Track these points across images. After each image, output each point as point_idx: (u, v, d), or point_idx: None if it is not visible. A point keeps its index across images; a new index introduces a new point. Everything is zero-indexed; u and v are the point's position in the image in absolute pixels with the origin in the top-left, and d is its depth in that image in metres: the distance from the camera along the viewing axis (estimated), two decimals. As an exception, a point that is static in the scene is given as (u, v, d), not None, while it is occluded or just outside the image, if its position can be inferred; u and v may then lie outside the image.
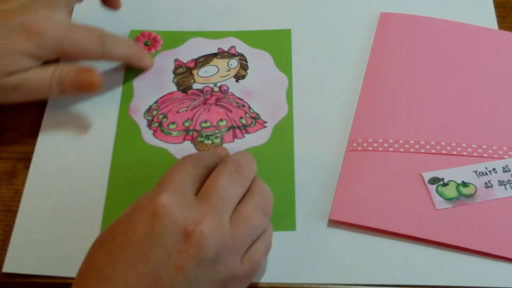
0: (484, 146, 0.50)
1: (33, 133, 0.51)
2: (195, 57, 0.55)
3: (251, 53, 0.56)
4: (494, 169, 0.48)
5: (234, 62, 0.55)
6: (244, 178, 0.41)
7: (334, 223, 0.46)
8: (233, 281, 0.38)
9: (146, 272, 0.35)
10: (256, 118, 0.52)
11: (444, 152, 0.49)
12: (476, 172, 0.48)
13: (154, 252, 0.35)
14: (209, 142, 0.50)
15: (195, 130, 0.51)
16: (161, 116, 0.52)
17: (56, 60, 0.51)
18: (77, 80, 0.48)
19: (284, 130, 0.51)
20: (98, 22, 0.57)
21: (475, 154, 0.49)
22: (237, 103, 0.53)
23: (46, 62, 0.48)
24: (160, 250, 0.35)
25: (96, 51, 0.49)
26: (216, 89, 0.53)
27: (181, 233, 0.36)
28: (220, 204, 0.38)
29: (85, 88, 0.48)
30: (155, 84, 0.54)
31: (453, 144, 0.50)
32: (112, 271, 0.35)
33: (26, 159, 0.50)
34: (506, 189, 0.47)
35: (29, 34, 0.46)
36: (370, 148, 0.49)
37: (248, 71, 0.55)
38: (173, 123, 0.51)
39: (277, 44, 0.56)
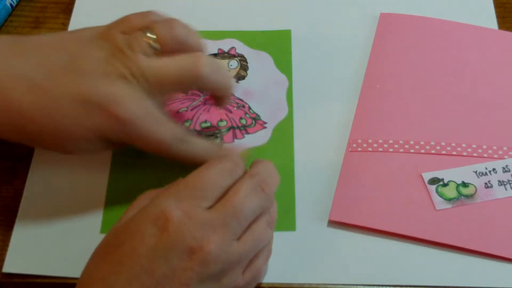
0: (484, 146, 0.50)
1: (33, 133, 0.51)
2: (195, 57, 0.55)
3: (251, 54, 0.56)
4: (494, 169, 0.48)
5: (234, 63, 0.55)
6: (266, 199, 0.39)
7: (334, 223, 0.46)
8: None
9: (150, 285, 0.35)
10: (256, 118, 0.52)
11: (444, 152, 0.49)
12: (476, 172, 0.48)
13: (159, 266, 0.35)
14: (209, 142, 0.50)
15: (195, 130, 0.51)
16: (161, 116, 0.52)
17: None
18: None
19: (284, 130, 0.51)
20: (98, 23, 0.58)
21: (475, 154, 0.49)
22: (237, 103, 0.53)
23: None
24: (165, 265, 0.35)
25: (168, 150, 0.43)
26: (216, 89, 0.53)
27: (187, 251, 0.35)
28: (234, 225, 0.37)
29: None
30: (155, 84, 0.54)
31: (453, 144, 0.50)
32: (116, 280, 0.35)
33: (26, 159, 0.49)
34: (506, 189, 0.47)
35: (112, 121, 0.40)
36: (370, 149, 0.49)
37: (248, 72, 0.55)
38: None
39: (277, 44, 0.56)
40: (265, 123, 0.51)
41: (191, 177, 0.38)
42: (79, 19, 0.58)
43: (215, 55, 0.55)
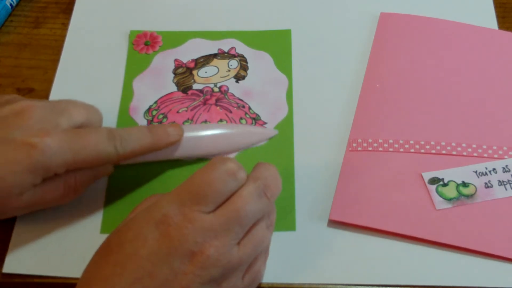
0: (484, 146, 0.50)
1: (33, 133, 0.51)
2: (195, 57, 0.55)
3: (251, 54, 0.56)
4: (494, 169, 0.48)
5: (234, 63, 0.55)
6: (268, 204, 0.39)
7: (334, 223, 0.46)
8: None
9: None
10: (256, 118, 0.52)
11: (444, 152, 0.49)
12: (476, 172, 0.48)
13: (161, 270, 0.35)
14: (209, 142, 0.50)
15: (195, 130, 0.51)
16: (161, 116, 0.52)
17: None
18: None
19: (284, 130, 0.51)
20: (98, 23, 0.58)
21: (475, 154, 0.49)
22: (237, 103, 0.53)
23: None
24: (167, 269, 0.35)
25: (109, 152, 0.42)
26: (216, 89, 0.53)
27: (189, 255, 0.35)
28: (236, 230, 0.37)
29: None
30: (155, 84, 0.54)
31: (453, 144, 0.50)
32: (118, 282, 0.35)
33: (26, 159, 0.49)
34: (506, 189, 0.47)
35: (30, 149, 0.39)
36: (370, 148, 0.49)
37: (248, 72, 0.55)
38: (173, 123, 0.51)
39: (277, 44, 0.56)
40: (265, 123, 0.52)
41: (194, 180, 0.37)
42: (79, 19, 0.58)
43: (215, 55, 0.55)
